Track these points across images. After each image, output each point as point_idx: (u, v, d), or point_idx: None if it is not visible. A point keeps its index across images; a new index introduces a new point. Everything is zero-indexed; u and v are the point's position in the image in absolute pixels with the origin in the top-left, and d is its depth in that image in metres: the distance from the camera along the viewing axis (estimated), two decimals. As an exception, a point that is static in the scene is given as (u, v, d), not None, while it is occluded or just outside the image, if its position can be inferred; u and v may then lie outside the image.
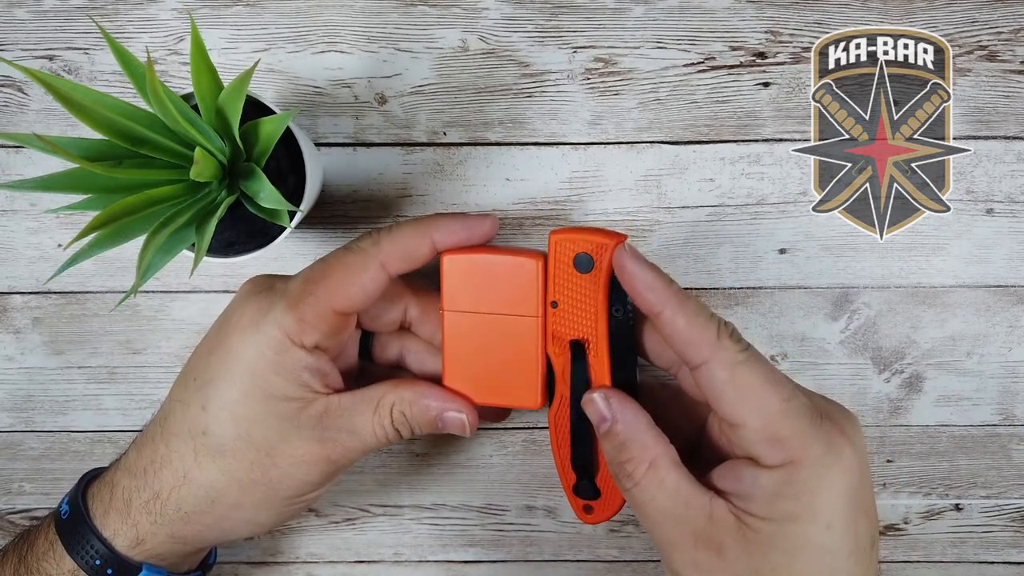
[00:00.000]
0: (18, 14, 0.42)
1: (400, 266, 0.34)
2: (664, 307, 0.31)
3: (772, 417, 0.30)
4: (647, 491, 0.31)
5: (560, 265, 0.34)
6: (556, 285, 0.34)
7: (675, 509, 0.30)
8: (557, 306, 0.34)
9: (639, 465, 0.31)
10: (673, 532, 0.31)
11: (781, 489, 0.29)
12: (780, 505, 0.29)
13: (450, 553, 0.47)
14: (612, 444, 0.32)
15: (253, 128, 0.34)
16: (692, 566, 0.30)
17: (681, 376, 0.36)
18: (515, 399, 0.36)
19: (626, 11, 0.42)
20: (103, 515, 0.35)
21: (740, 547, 0.30)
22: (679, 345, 0.31)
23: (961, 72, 0.42)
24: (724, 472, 0.31)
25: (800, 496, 0.29)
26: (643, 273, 0.31)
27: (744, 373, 0.30)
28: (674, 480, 0.31)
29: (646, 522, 0.32)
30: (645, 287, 0.31)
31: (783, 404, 0.30)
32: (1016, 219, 0.43)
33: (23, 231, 0.44)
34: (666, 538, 0.31)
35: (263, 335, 0.33)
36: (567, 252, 0.34)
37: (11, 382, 0.45)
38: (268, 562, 0.47)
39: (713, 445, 0.34)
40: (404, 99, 0.43)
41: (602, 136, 0.43)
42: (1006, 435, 0.45)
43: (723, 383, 0.30)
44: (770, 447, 0.30)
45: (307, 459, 0.34)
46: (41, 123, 0.43)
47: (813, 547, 0.29)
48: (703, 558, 0.30)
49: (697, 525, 0.30)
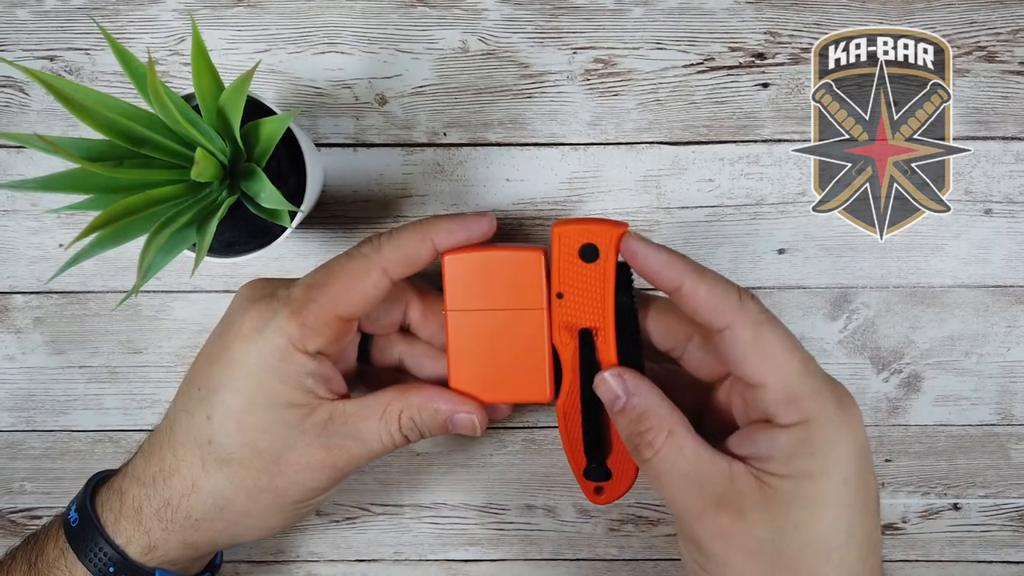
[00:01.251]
0: (19, 14, 0.43)
1: (402, 270, 0.34)
2: (684, 280, 0.32)
3: (791, 377, 0.31)
4: (667, 459, 0.31)
5: (565, 257, 0.34)
6: (561, 277, 0.35)
7: (696, 474, 0.31)
8: (563, 297, 0.35)
9: (659, 433, 0.32)
10: (694, 498, 0.31)
11: (798, 447, 0.30)
12: (798, 463, 0.30)
13: (450, 552, 0.47)
14: (629, 418, 0.33)
15: (254, 128, 0.34)
16: (714, 533, 0.31)
17: (686, 355, 0.36)
18: (524, 394, 0.36)
19: (626, 12, 0.42)
20: (115, 522, 0.35)
21: (761, 508, 0.30)
22: (703, 312, 0.32)
23: (960, 73, 0.42)
24: (739, 439, 0.32)
25: (816, 453, 0.30)
26: (657, 253, 0.32)
27: (767, 333, 0.31)
28: (692, 446, 0.31)
29: (666, 491, 0.32)
30: (662, 265, 0.32)
31: (801, 364, 0.31)
32: (1014, 219, 0.43)
33: (24, 231, 0.44)
34: (687, 505, 0.31)
35: (266, 342, 0.33)
36: (572, 243, 0.34)
37: (12, 382, 0.45)
38: (268, 561, 0.47)
39: (718, 419, 0.35)
40: (404, 100, 0.43)
41: (602, 137, 0.43)
42: (1004, 435, 0.45)
43: (746, 344, 0.31)
44: (787, 406, 0.31)
45: (313, 465, 0.34)
46: (42, 123, 0.43)
47: (832, 502, 0.30)
48: (725, 522, 0.30)
49: (718, 489, 0.31)
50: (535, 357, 0.36)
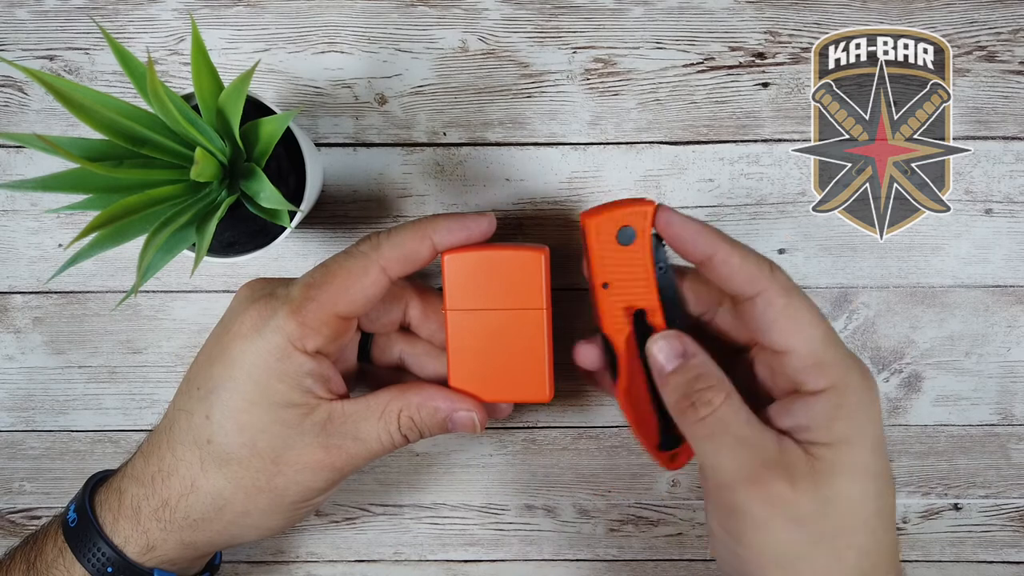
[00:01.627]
0: (19, 14, 0.43)
1: (401, 269, 0.34)
2: (717, 249, 0.32)
3: (817, 344, 0.31)
4: (724, 419, 0.31)
5: (604, 245, 0.34)
6: (604, 265, 0.35)
7: (750, 437, 0.31)
8: (609, 286, 0.35)
9: (719, 392, 0.32)
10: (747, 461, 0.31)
11: (834, 412, 0.31)
12: (836, 428, 0.31)
13: (450, 552, 0.47)
14: (687, 376, 0.33)
15: (253, 128, 0.34)
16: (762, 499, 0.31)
17: (718, 318, 0.36)
18: (523, 393, 0.36)
19: (626, 12, 0.42)
20: (113, 522, 0.35)
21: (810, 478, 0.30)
22: (736, 280, 0.32)
23: (960, 72, 0.42)
24: (774, 414, 0.33)
25: (850, 418, 0.31)
26: (690, 224, 0.33)
27: (796, 300, 0.32)
28: (746, 412, 0.32)
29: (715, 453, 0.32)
30: (697, 235, 0.33)
31: (825, 333, 0.32)
32: (1015, 219, 0.43)
33: (24, 231, 0.44)
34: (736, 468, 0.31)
35: (265, 342, 0.33)
36: (609, 231, 0.34)
37: (11, 382, 0.45)
38: (268, 561, 0.47)
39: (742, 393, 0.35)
40: (404, 99, 0.43)
41: (602, 136, 0.43)
42: (1005, 435, 0.45)
43: (778, 310, 0.32)
44: (815, 371, 0.31)
45: (312, 466, 0.34)
46: (42, 123, 0.43)
47: (867, 470, 0.31)
48: (777, 490, 0.30)
49: (769, 455, 0.31)
50: (535, 357, 0.36)
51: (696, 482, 0.46)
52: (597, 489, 0.46)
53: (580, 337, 0.37)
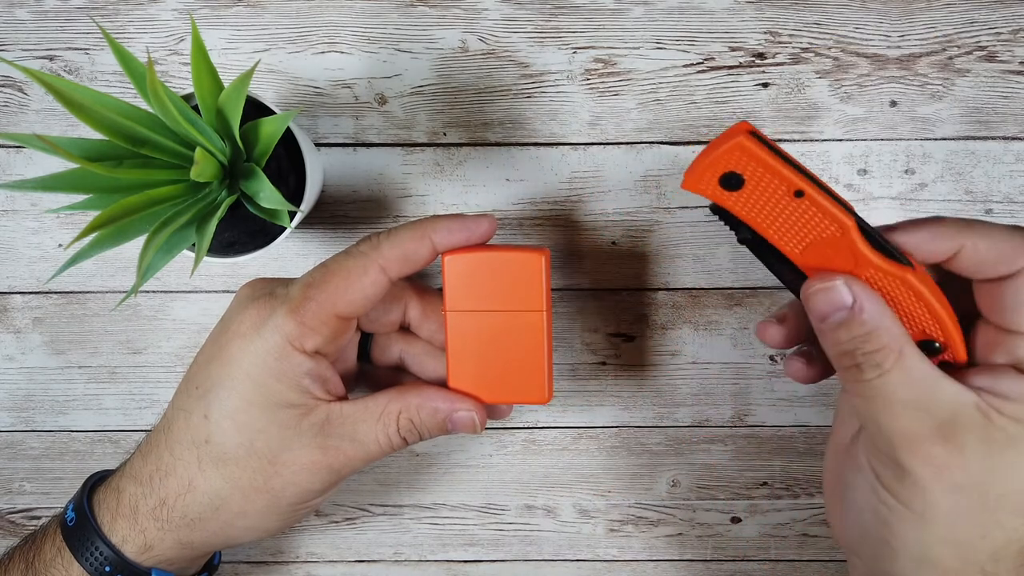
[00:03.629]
0: (19, 14, 0.43)
1: (400, 269, 0.34)
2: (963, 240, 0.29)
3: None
4: (893, 382, 0.29)
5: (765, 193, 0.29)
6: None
7: (922, 399, 0.29)
8: None
9: (889, 354, 0.29)
10: (914, 424, 0.29)
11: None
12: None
13: (450, 552, 0.47)
14: (854, 333, 0.30)
15: (253, 128, 0.34)
16: (925, 459, 0.29)
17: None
18: (522, 395, 0.37)
19: (626, 12, 0.42)
20: (111, 521, 0.35)
21: (981, 444, 0.29)
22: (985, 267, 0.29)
23: (960, 72, 0.42)
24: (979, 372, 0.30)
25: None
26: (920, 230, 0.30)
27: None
28: (922, 370, 0.29)
29: (881, 415, 0.30)
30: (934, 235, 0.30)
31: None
32: (1015, 219, 0.43)
33: (24, 231, 0.44)
34: (902, 430, 0.29)
35: (264, 341, 0.33)
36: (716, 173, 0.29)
37: (11, 382, 0.45)
38: (268, 562, 0.47)
39: None
40: (404, 99, 0.43)
41: (602, 136, 0.43)
42: (1005, 435, 0.45)
43: None
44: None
45: (309, 467, 0.34)
46: (41, 123, 0.43)
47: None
48: (941, 452, 0.29)
49: (941, 417, 0.29)
50: (534, 359, 0.36)
51: (696, 483, 0.46)
52: (597, 489, 0.46)
53: (580, 337, 0.37)
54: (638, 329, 0.45)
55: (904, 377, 0.29)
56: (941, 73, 0.42)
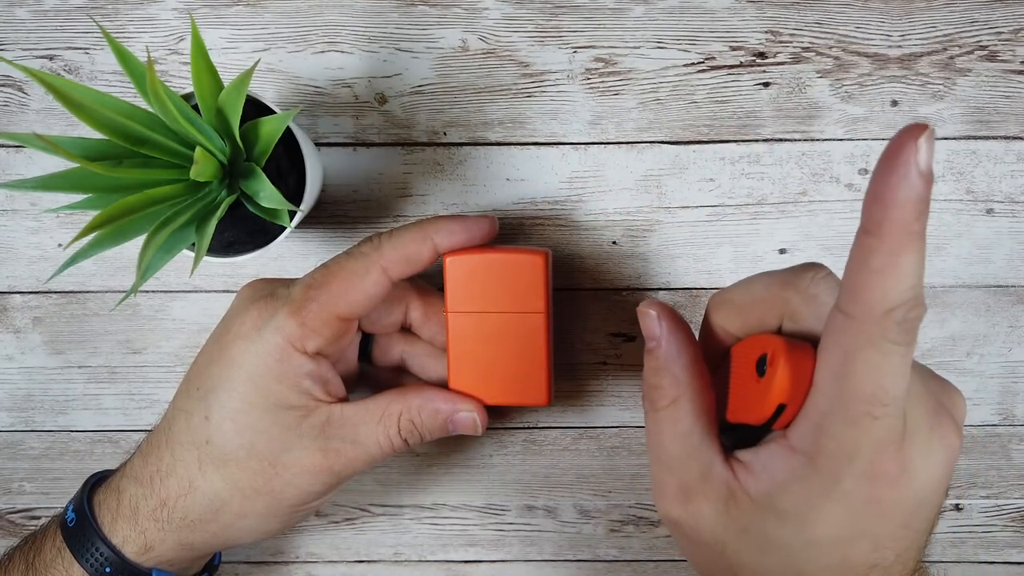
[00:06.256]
0: (18, 14, 0.42)
1: (402, 270, 0.34)
2: None
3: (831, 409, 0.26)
4: (659, 424, 0.29)
5: None
6: None
7: (676, 453, 0.29)
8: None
9: (663, 396, 0.29)
10: (663, 474, 0.29)
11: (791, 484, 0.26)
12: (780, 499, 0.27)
13: (450, 553, 0.47)
14: (649, 364, 0.30)
15: (253, 128, 0.34)
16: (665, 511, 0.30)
17: None
18: (522, 397, 0.36)
19: (626, 11, 0.42)
20: (111, 522, 0.35)
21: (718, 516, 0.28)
22: None
23: (961, 72, 0.42)
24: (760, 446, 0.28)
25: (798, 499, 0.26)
26: None
27: None
28: (687, 426, 0.29)
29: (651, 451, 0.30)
30: None
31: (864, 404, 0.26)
32: (1016, 219, 0.43)
33: (23, 231, 0.44)
34: (656, 474, 0.30)
35: (265, 342, 0.33)
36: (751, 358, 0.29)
37: (11, 382, 0.45)
38: (268, 562, 0.47)
39: None
40: (404, 99, 0.43)
41: (602, 136, 0.43)
42: (1006, 435, 0.45)
43: None
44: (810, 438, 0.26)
45: (309, 469, 0.34)
46: (41, 123, 0.43)
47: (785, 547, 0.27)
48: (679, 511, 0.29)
49: (688, 477, 0.29)
50: (535, 361, 0.36)
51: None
52: (598, 490, 0.46)
53: (580, 337, 0.37)
54: (638, 329, 0.45)
55: (669, 425, 0.29)
56: (942, 73, 0.42)
